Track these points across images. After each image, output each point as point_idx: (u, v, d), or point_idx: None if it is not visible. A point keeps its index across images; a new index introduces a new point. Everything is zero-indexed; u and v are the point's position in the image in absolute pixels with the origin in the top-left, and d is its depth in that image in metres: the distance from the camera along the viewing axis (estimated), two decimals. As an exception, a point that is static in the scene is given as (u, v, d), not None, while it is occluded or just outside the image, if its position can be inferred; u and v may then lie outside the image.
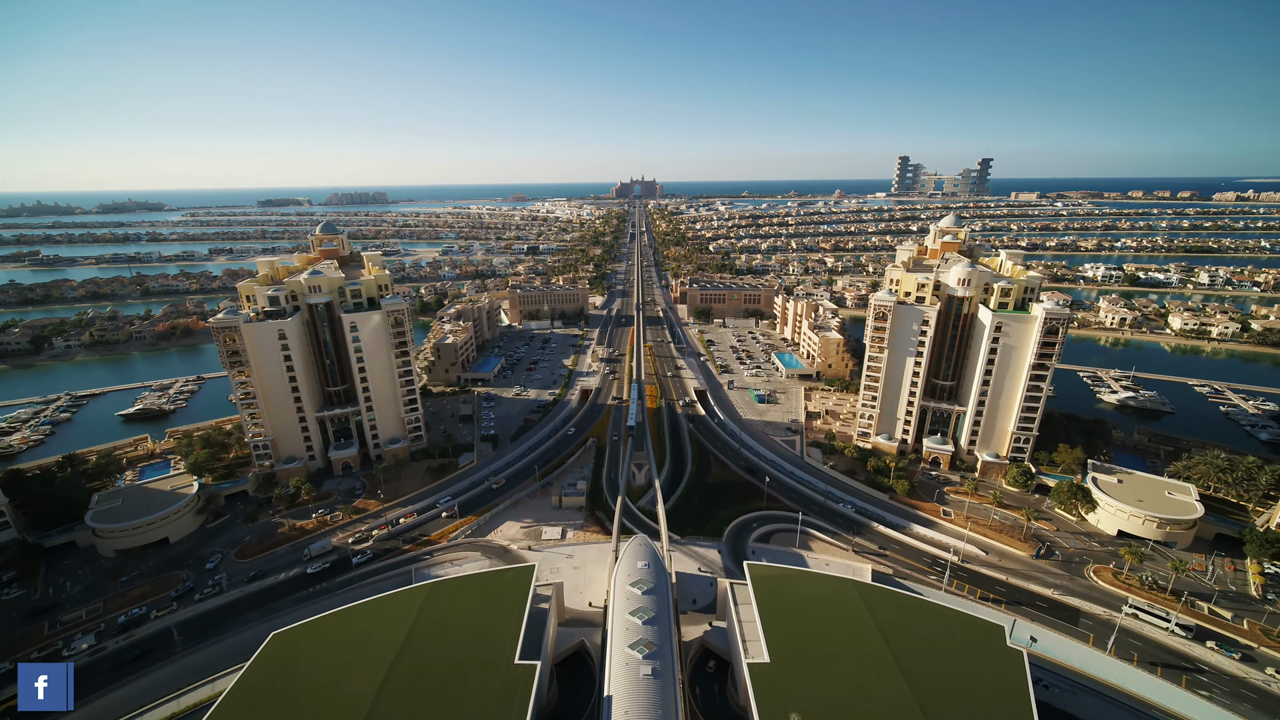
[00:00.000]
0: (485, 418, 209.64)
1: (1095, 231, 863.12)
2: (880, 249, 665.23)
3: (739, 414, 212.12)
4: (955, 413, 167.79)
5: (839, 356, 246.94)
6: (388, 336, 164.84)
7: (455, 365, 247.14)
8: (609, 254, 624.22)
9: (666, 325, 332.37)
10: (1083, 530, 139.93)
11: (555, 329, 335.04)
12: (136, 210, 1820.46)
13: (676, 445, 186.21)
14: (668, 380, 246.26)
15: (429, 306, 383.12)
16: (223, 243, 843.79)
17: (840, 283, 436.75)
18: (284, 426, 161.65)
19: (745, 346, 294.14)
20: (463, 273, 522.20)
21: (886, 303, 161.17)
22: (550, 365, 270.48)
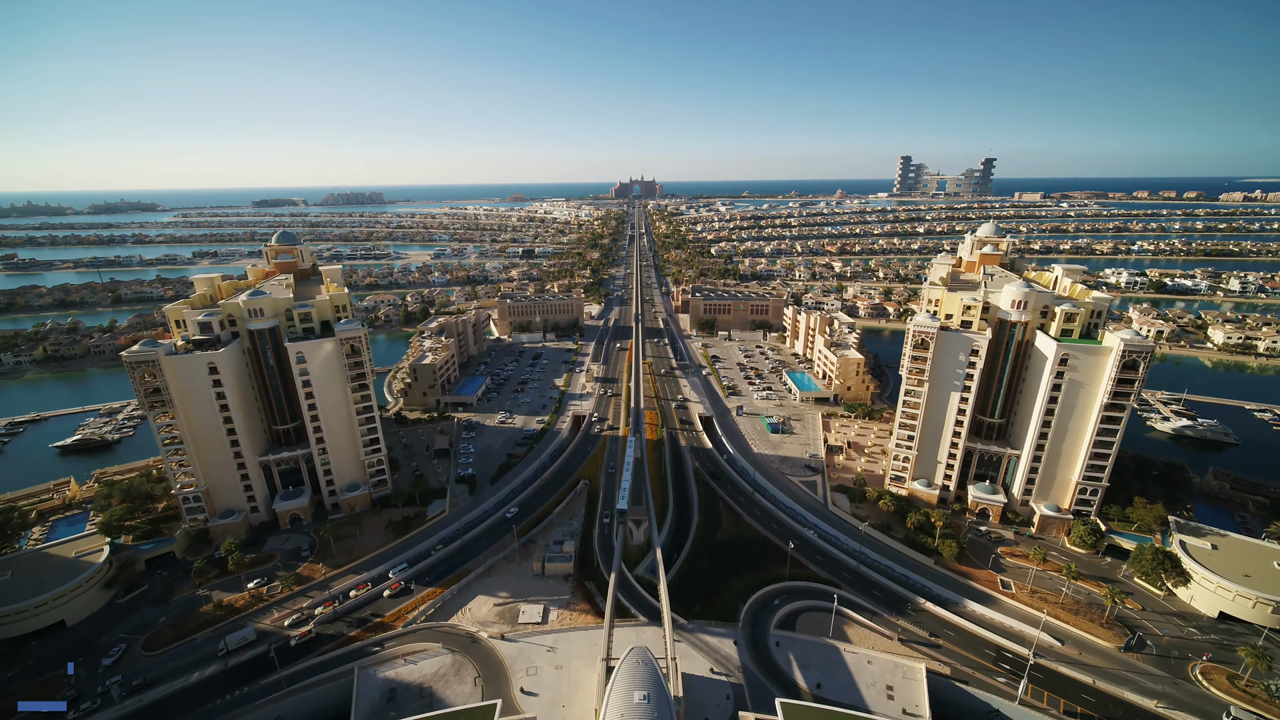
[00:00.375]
0: (464, 452, 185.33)
1: (1107, 233, 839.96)
2: (888, 252, 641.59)
3: (750, 447, 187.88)
4: (1006, 456, 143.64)
5: (859, 378, 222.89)
6: (342, 368, 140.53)
7: (434, 388, 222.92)
8: (607, 257, 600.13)
9: (667, 338, 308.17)
10: (1174, 610, 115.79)
11: (548, 342, 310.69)
12: (129, 210, 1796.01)
13: (680, 489, 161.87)
14: (669, 405, 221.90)
15: (413, 316, 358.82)
16: (209, 245, 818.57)
17: (851, 290, 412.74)
18: (219, 474, 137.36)
19: (754, 363, 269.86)
20: (453, 278, 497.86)
21: (929, 329, 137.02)
22: (540, 386, 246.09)
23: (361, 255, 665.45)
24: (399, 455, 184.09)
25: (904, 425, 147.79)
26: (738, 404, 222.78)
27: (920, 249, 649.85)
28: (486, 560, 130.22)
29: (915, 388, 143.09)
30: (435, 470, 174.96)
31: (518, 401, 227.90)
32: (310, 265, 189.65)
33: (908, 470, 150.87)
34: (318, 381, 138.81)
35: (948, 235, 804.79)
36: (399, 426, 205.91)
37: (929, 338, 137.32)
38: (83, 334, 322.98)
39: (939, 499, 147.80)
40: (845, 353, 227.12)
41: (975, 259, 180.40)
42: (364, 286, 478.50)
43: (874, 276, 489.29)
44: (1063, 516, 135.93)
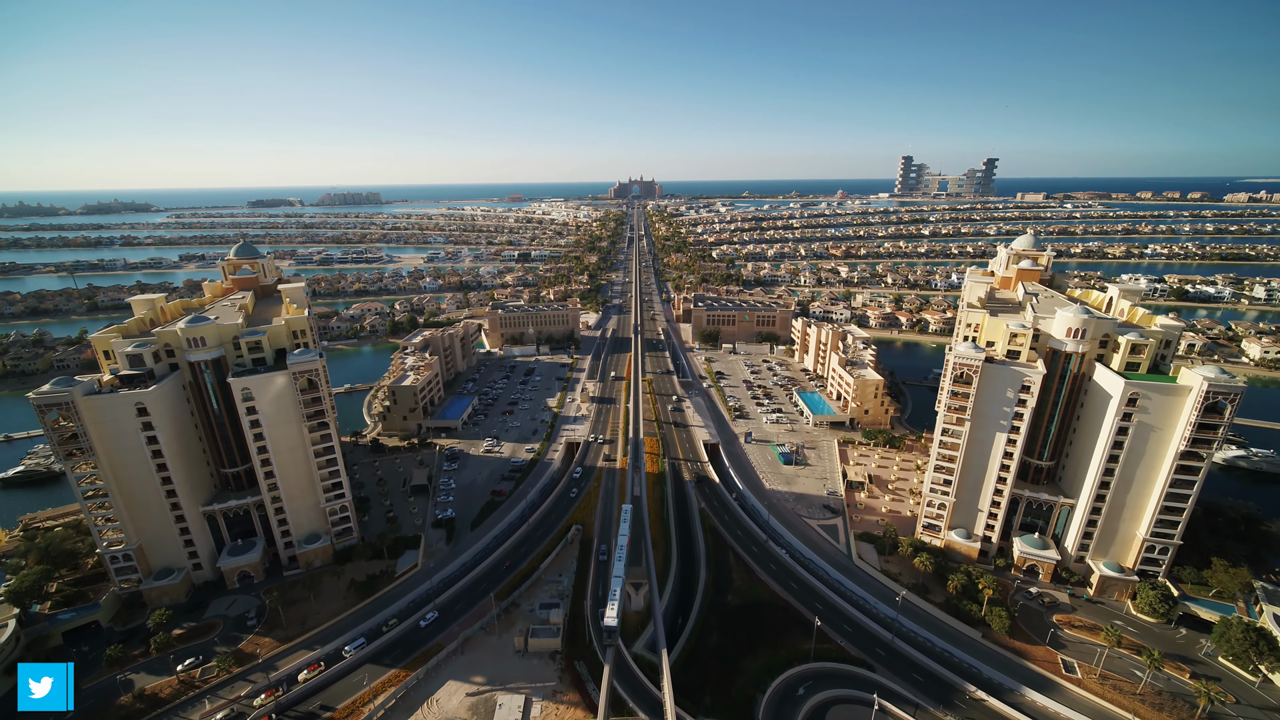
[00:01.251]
0: (444, 487, 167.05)
1: (1116, 236, 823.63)
2: (894, 255, 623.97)
3: (761, 481, 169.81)
4: (1058, 505, 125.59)
5: (877, 400, 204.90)
6: (296, 405, 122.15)
7: (415, 411, 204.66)
8: (605, 261, 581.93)
9: (668, 351, 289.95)
10: (1274, 702, 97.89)
11: (541, 356, 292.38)
12: (122, 211, 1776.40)
13: (685, 536, 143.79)
14: (671, 430, 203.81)
15: (400, 327, 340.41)
16: (198, 247, 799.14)
17: (860, 298, 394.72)
18: (154, 528, 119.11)
19: (761, 380, 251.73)
20: (446, 283, 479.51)
21: (972, 361, 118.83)
22: (531, 407, 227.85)
23: (353, 258, 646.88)
24: (371, 492, 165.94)
25: (940, 468, 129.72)
26: (745, 429, 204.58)
27: (927, 252, 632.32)
28: (461, 632, 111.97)
29: (954, 427, 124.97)
30: (411, 511, 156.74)
31: (506, 426, 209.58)
32: (274, 280, 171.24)
33: (943, 518, 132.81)
34: (269, 420, 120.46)
35: (954, 238, 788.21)
36: (375, 456, 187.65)
37: (972, 371, 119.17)
38: (48, 346, 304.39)
39: (980, 552, 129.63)
40: (862, 373, 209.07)
41: (1011, 274, 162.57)
42: (352, 293, 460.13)
43: (882, 282, 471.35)
44: (1126, 578, 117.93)
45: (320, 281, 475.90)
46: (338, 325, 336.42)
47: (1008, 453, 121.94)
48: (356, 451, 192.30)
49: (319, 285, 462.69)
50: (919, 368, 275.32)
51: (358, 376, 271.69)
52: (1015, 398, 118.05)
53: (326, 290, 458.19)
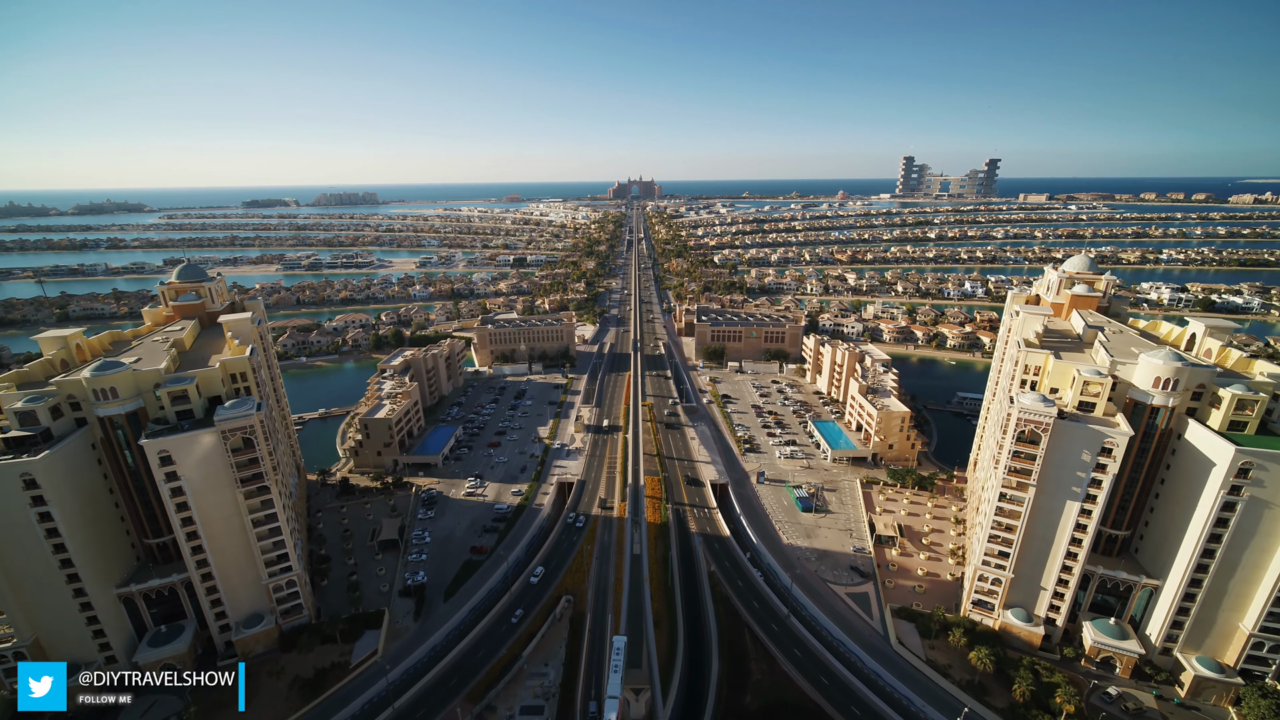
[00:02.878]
0: (416, 541, 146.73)
1: (1126, 239, 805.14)
2: (901, 261, 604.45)
3: (777, 534, 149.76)
4: (1139, 586, 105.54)
5: (903, 435, 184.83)
6: (228, 468, 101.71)
7: (390, 446, 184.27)
8: (603, 267, 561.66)
9: (670, 370, 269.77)
10: None
11: (534, 375, 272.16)
12: (115, 211, 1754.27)
13: (693, 612, 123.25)
14: (674, 466, 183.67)
15: (384, 341, 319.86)
16: (184, 251, 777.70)
17: (871, 309, 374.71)
18: (54, 618, 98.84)
19: (772, 406, 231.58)
20: (437, 291, 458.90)
21: (1042, 418, 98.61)
22: (521, 437, 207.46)
23: (343, 263, 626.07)
24: (334, 548, 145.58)
25: (995, 538, 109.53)
26: (757, 465, 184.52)
27: (936, 257, 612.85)
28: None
29: (1015, 492, 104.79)
30: (378, 572, 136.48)
31: (492, 462, 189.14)
32: (226, 305, 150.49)
33: (998, 594, 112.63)
34: (195, 487, 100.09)
35: (961, 242, 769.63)
36: (343, 499, 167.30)
37: (1041, 430, 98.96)
38: (3, 363, 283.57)
39: (1043, 637, 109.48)
40: (886, 403, 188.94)
41: (1063, 301, 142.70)
42: (338, 301, 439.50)
43: (892, 290, 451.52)
44: (1227, 680, 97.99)
45: (306, 289, 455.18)
46: (318, 340, 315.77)
47: (1080, 524, 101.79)
48: (323, 493, 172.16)
49: (304, 293, 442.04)
50: (940, 389, 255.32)
51: (336, 397, 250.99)
52: (1093, 461, 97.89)
53: (311, 299, 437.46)
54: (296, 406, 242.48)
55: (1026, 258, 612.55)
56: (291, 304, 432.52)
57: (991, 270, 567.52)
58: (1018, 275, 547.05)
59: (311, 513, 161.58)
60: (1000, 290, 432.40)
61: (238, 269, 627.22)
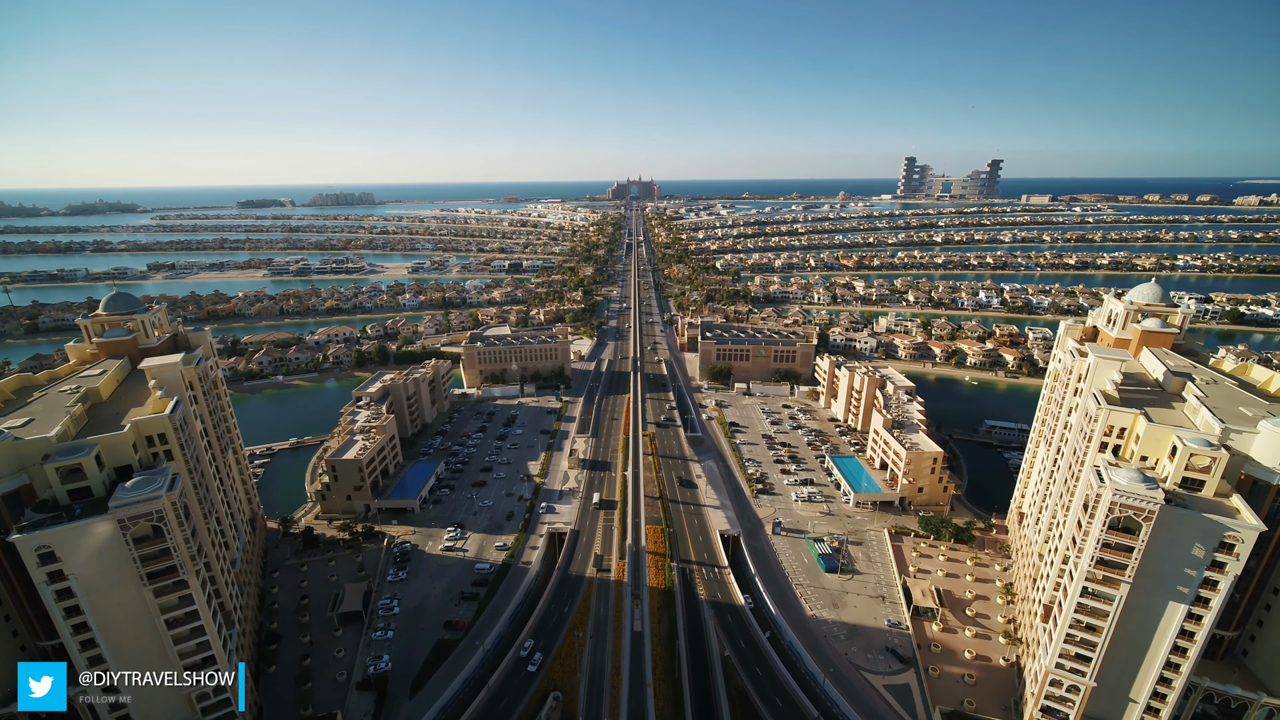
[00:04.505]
0: (384, 612, 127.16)
1: (1136, 243, 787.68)
2: (909, 268, 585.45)
3: (800, 604, 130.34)
4: (1259, 705, 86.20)
5: (935, 477, 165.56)
6: (130, 564, 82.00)
7: (361, 490, 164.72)
8: (601, 273, 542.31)
9: (672, 392, 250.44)
10: None
11: (525, 397, 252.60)
12: (107, 212, 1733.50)
13: (704, 706, 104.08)
14: (679, 512, 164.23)
15: (367, 358, 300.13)
16: (173, 254, 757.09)
17: (883, 321, 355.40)
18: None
19: (784, 436, 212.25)
20: (427, 300, 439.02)
21: (1144, 503, 79.14)
22: (509, 474, 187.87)
23: (332, 268, 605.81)
24: (288, 622, 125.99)
25: (1074, 639, 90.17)
26: (771, 511, 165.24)
27: (945, 263, 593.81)
28: None
29: (1103, 588, 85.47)
30: (335, 654, 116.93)
31: (475, 506, 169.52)
32: (165, 341, 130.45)
33: (1074, 703, 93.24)
34: (90, 585, 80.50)
35: (969, 247, 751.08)
36: (305, 555, 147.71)
37: (1143, 517, 79.54)
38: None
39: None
40: (915, 440, 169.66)
41: (1129, 336, 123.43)
42: (324, 311, 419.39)
43: (903, 300, 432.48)
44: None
45: (290, 298, 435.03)
46: (297, 357, 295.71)
47: (1187, 630, 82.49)
48: (284, 546, 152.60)
49: (289, 302, 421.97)
50: (965, 414, 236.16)
51: (311, 422, 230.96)
52: (1208, 557, 78.53)
53: (296, 309, 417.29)
54: (267, 434, 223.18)
55: (1038, 264, 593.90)
56: (275, 314, 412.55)
57: (1003, 278, 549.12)
58: (1030, 283, 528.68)
59: (267, 573, 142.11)
60: (1015, 299, 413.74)
61: (224, 274, 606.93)
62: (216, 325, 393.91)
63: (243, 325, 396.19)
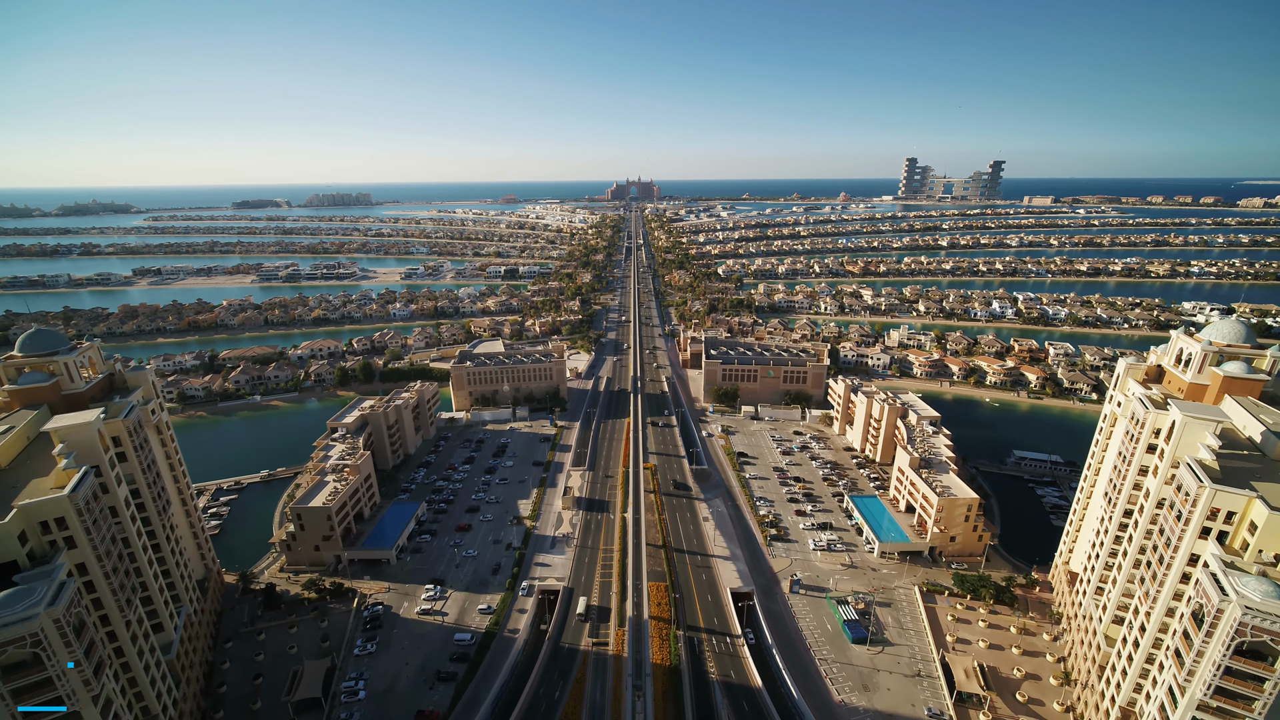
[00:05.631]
0: (348, 698, 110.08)
1: (1145, 247, 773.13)
2: (916, 274, 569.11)
3: (826, 687, 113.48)
4: None
5: (969, 525, 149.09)
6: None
7: (331, 539, 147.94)
8: (600, 280, 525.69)
9: (675, 416, 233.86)
10: None
11: (518, 421, 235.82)
12: (100, 212, 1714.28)
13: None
14: (685, 566, 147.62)
15: (352, 376, 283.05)
16: (162, 258, 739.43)
17: (894, 335, 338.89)
18: None
19: (798, 469, 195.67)
20: (419, 309, 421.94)
21: None
22: (497, 515, 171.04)
23: (323, 274, 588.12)
24: (235, 709, 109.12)
25: (1176, 772, 73.49)
26: (788, 563, 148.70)
27: (953, 269, 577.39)
28: None
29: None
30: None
31: (459, 556, 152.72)
32: (96, 383, 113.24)
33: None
34: (-51, 725, 63.71)
35: (976, 252, 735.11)
36: (264, 620, 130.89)
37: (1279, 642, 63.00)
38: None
39: None
40: (946, 483, 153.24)
41: (1207, 381, 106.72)
42: (310, 322, 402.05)
43: (913, 310, 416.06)
44: None
45: (276, 307, 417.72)
46: (276, 375, 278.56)
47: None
48: (241, 606, 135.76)
49: (274, 312, 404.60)
50: (990, 441, 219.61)
51: (287, 450, 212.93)
52: (1363, 693, 62.00)
53: (281, 319, 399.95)
54: (237, 464, 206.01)
55: (1049, 270, 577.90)
56: (259, 325, 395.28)
57: (1013, 285, 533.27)
58: (1042, 291, 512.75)
59: (219, 643, 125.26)
60: (1031, 310, 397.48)
61: (211, 280, 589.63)
62: (198, 337, 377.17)
63: (225, 337, 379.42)
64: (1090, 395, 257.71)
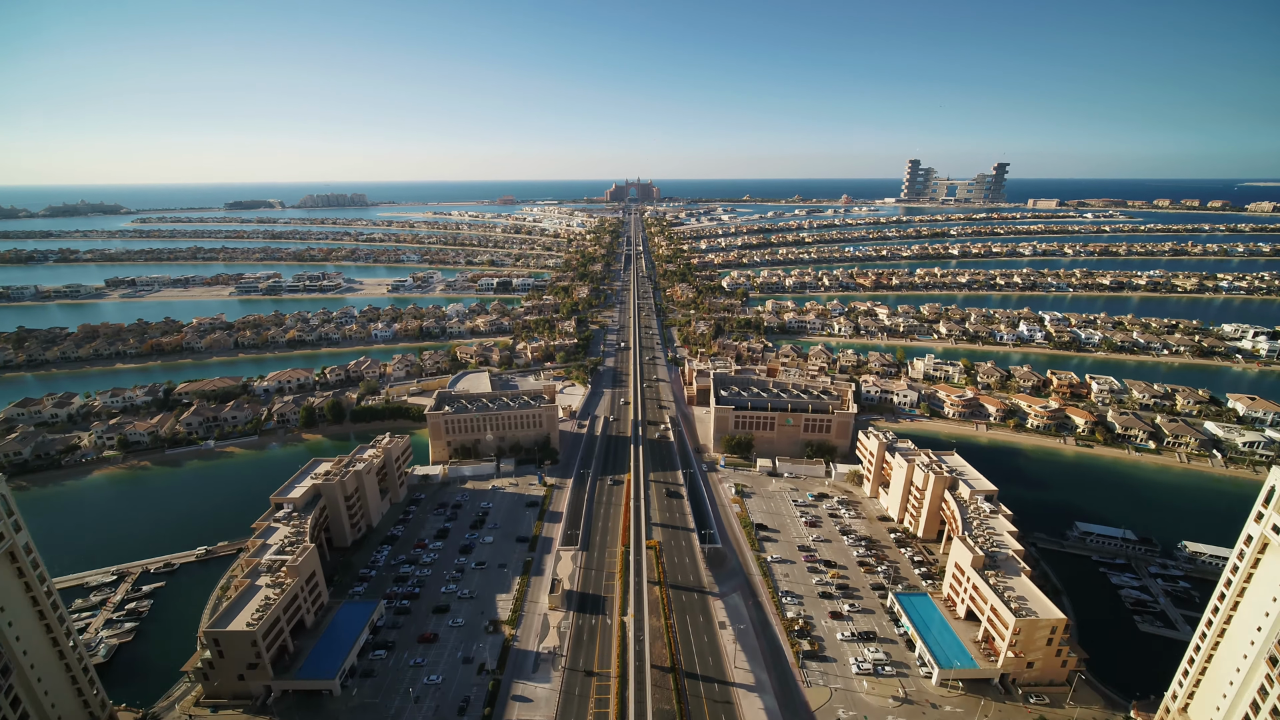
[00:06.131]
0: None
1: (1162, 256, 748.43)
2: (931, 288, 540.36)
3: None
4: None
5: (1050, 649, 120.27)
6: None
7: (259, 666, 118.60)
8: (598, 292, 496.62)
9: (683, 473, 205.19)
10: None
11: (502, 478, 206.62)
12: (90, 213, 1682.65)
13: None
14: (700, 700, 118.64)
15: (319, 416, 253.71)
16: (141, 265, 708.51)
17: (919, 365, 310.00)
18: None
19: (827, 547, 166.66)
20: (403, 329, 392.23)
21: None
22: (470, 620, 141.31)
23: (305, 286, 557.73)
24: None
25: None
26: (826, 697, 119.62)
27: (969, 283, 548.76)
28: None
29: None
30: None
31: (420, 684, 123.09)
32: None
33: None
34: None
35: (989, 262, 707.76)
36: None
37: None
38: None
39: None
40: (1017, 589, 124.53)
41: None
42: (283, 344, 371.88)
43: (934, 331, 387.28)
44: None
45: (248, 328, 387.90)
46: (234, 415, 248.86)
47: None
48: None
49: (245, 334, 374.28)
50: (1041, 504, 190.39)
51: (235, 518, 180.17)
52: None
53: (253, 341, 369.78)
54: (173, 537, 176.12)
55: (1069, 284, 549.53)
56: (228, 348, 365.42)
57: (1032, 301, 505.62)
58: (1063, 307, 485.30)
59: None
60: (1061, 334, 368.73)
61: (188, 291, 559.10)
62: (161, 362, 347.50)
63: (191, 362, 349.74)
64: (1147, 444, 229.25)
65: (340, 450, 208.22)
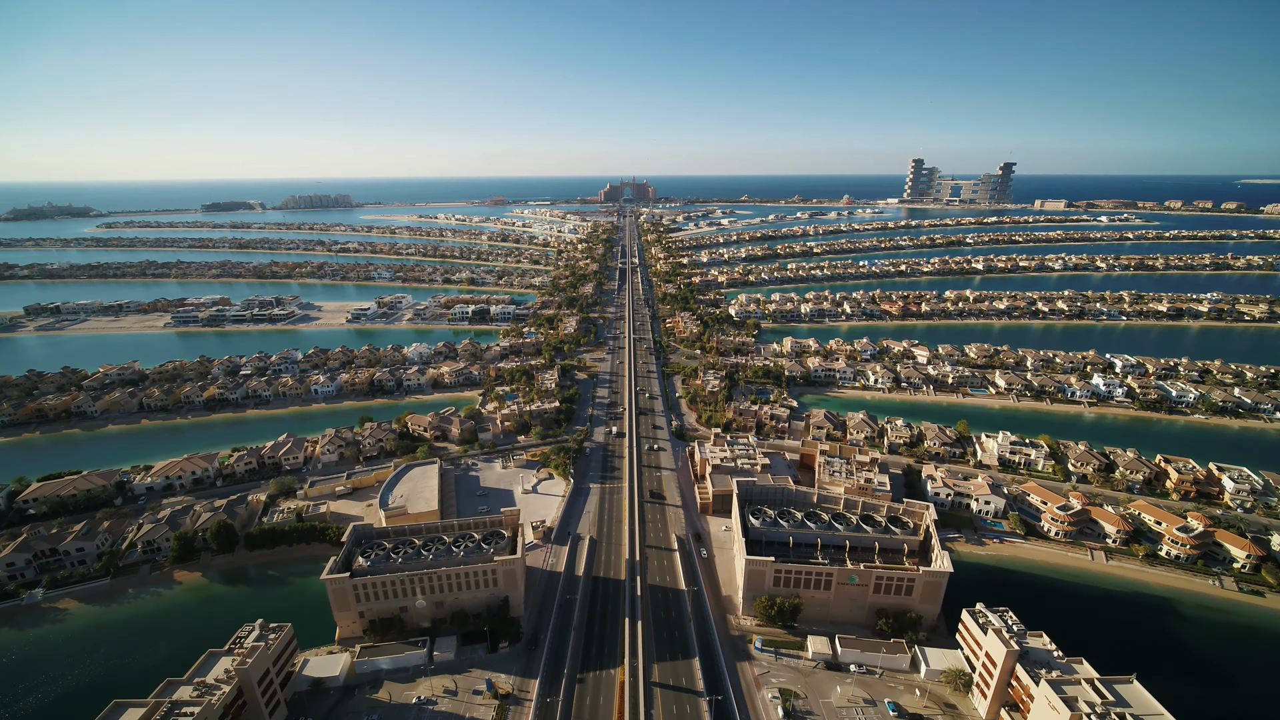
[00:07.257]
0: None
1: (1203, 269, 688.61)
2: (966, 316, 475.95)
3: None
4: None
5: None
6: None
7: None
8: (587, 324, 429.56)
9: (699, 662, 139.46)
10: None
11: (436, 674, 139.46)
12: (56, 216, 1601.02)
13: None
14: None
15: (199, 546, 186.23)
16: (83, 283, 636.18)
17: (991, 446, 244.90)
18: None
19: None
20: (350, 382, 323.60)
21: None
22: None
23: (254, 315, 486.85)
24: None
25: None
26: None
27: (1009, 310, 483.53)
28: None
29: None
30: None
31: None
32: None
33: None
34: None
35: (1014, 277, 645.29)
36: None
37: None
38: None
39: None
40: None
41: None
42: (199, 406, 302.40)
43: (988, 385, 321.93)
44: None
45: (163, 381, 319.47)
46: (77, 549, 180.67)
47: None
48: None
49: (151, 393, 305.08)
50: None
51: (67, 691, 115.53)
52: None
53: (160, 403, 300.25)
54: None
55: (1122, 312, 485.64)
56: (130, 411, 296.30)
57: (1081, 333, 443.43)
58: (1115, 339, 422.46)
59: None
60: (1147, 390, 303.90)
61: (118, 322, 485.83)
62: (41, 432, 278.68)
63: (80, 432, 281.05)
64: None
65: (229, 602, 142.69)
